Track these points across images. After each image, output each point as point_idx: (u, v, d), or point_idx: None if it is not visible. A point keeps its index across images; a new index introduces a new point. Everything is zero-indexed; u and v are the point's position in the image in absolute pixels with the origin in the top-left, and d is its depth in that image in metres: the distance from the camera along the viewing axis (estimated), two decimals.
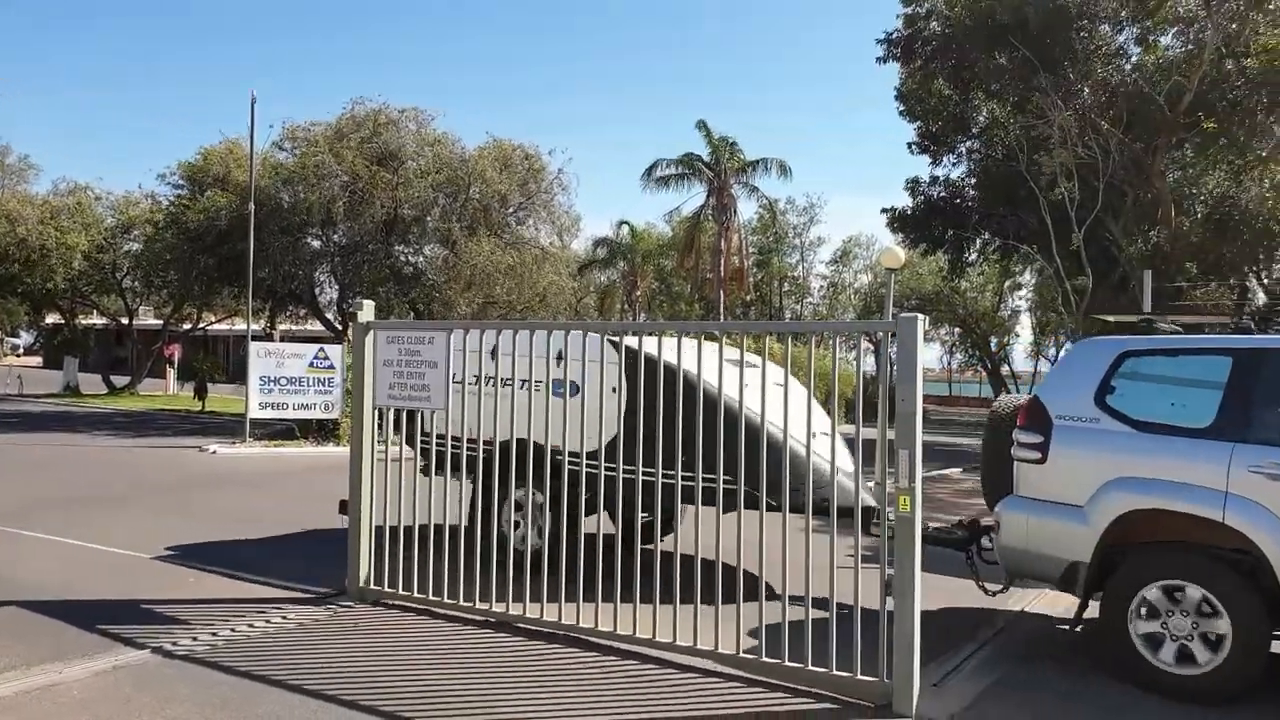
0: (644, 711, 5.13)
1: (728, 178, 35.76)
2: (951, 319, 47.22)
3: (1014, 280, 43.05)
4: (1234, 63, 19.66)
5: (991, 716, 5.24)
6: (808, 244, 48.96)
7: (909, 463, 5.24)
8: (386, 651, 5.98)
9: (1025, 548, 6.14)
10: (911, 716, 5.07)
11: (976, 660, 6.20)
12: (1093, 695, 5.60)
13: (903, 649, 5.16)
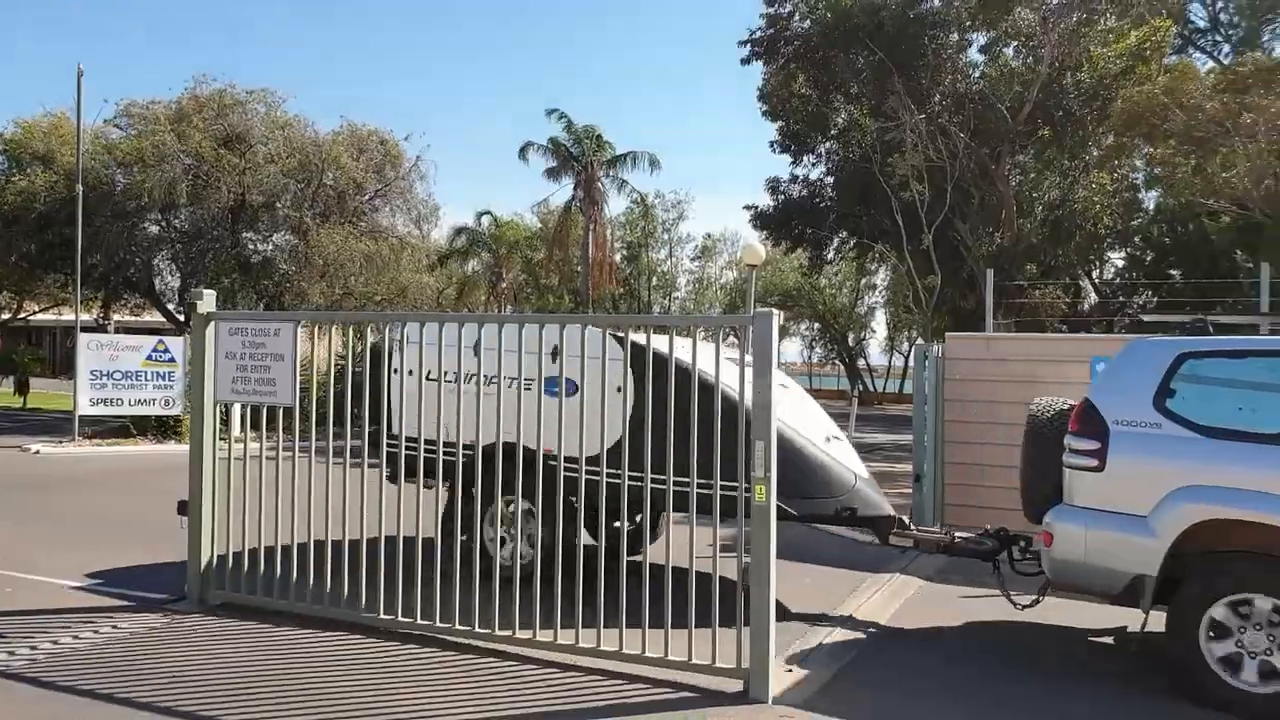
0: (497, 709, 5.02)
1: (595, 170, 35.69)
2: (812, 314, 48.74)
3: (870, 278, 44.77)
4: (1069, 76, 20.96)
5: (845, 697, 5.38)
6: (676, 239, 49.57)
7: (764, 453, 5.34)
8: (223, 658, 5.64)
9: (1083, 561, 5.70)
10: (767, 701, 5.16)
11: (832, 643, 6.37)
12: (939, 672, 5.83)
13: (759, 635, 5.25)
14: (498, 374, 6.23)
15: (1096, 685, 5.84)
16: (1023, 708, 5.40)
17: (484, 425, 6.25)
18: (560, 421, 6.05)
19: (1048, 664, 6.25)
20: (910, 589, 8.29)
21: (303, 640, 6.02)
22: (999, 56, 22.44)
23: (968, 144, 21.01)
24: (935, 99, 21.02)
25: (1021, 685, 5.77)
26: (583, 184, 35.92)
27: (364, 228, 24.51)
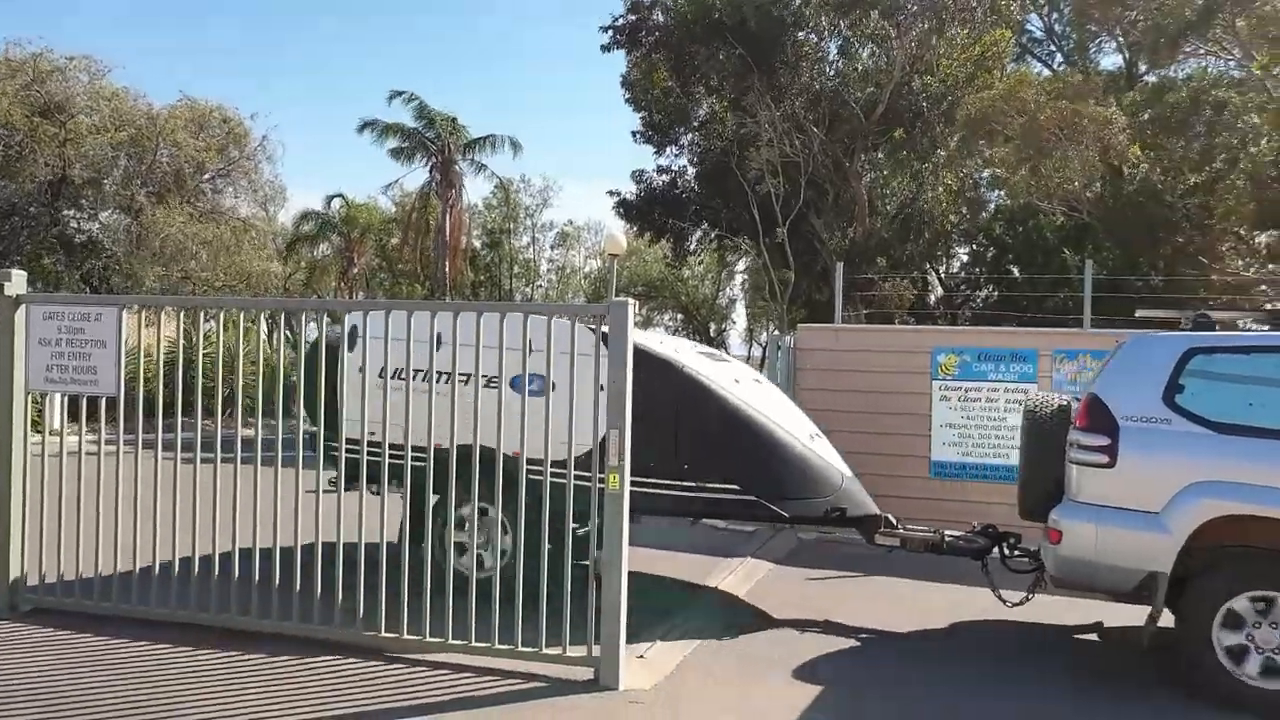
0: (323, 709, 4.83)
1: (453, 153, 34.80)
2: (675, 305, 49.35)
3: (730, 270, 45.64)
4: (919, 80, 21.87)
5: (692, 683, 5.46)
6: (540, 226, 49.10)
7: (618, 442, 5.35)
8: (21, 669, 5.23)
9: (1094, 559, 5.63)
10: (617, 688, 5.19)
11: (681, 630, 6.43)
12: (784, 657, 5.96)
13: (609, 623, 5.27)
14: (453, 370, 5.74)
15: (941, 661, 6.12)
16: (860, 682, 5.60)
17: (446, 427, 5.77)
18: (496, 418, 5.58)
19: (892, 641, 6.50)
20: (761, 572, 8.49)
21: (118, 646, 5.63)
22: (855, 57, 23.19)
23: (823, 141, 21.66)
24: (793, 96, 21.56)
25: (860, 662, 5.98)
26: (438, 167, 34.93)
27: (204, 209, 23.17)
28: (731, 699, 5.30)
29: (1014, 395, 9.86)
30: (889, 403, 10.22)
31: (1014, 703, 5.39)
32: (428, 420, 5.73)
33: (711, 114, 23.94)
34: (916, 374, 10.22)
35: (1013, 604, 6.57)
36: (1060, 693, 5.59)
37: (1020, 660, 6.28)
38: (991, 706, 5.32)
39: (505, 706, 4.96)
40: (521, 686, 5.21)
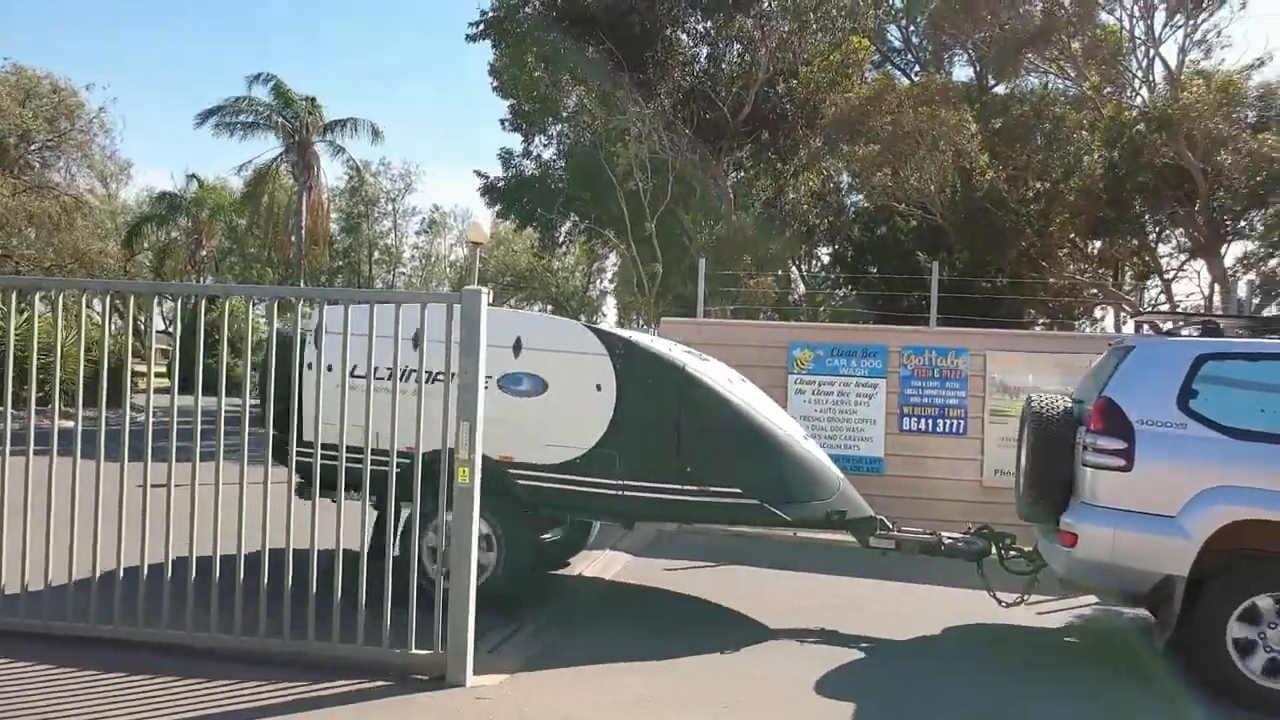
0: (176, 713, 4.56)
1: (310, 134, 33.45)
2: (545, 297, 49.05)
3: (600, 262, 45.69)
4: (784, 83, 22.38)
5: (542, 677, 5.41)
6: (402, 212, 47.77)
7: (468, 435, 5.22)
8: None
9: (1110, 562, 5.63)
10: (465, 685, 5.10)
11: (533, 626, 6.36)
12: (636, 649, 5.94)
13: (458, 619, 5.17)
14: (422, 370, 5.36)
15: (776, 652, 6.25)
16: (706, 670, 5.65)
17: (425, 430, 5.38)
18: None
19: (726, 629, 6.59)
20: (619, 564, 8.51)
21: None
22: (722, 58, 23.52)
23: (690, 139, 21.90)
24: (662, 93, 21.71)
25: (714, 652, 5.99)
26: (295, 148, 33.50)
27: (29, 181, 21.51)
28: (582, 692, 5.26)
29: (864, 389, 10.23)
30: None
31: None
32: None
33: (581, 106, 23.84)
34: (774, 368, 10.46)
35: (1008, 604, 6.66)
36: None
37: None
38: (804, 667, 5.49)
39: (349, 707, 4.80)
40: (367, 686, 5.05)
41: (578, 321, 6.43)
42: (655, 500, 5.98)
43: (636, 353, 6.14)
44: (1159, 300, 23.27)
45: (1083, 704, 5.46)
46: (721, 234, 23.16)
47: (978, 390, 10.08)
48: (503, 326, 5.88)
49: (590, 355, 6.03)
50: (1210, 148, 17.21)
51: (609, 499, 6.06)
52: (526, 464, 5.78)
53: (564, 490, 5.96)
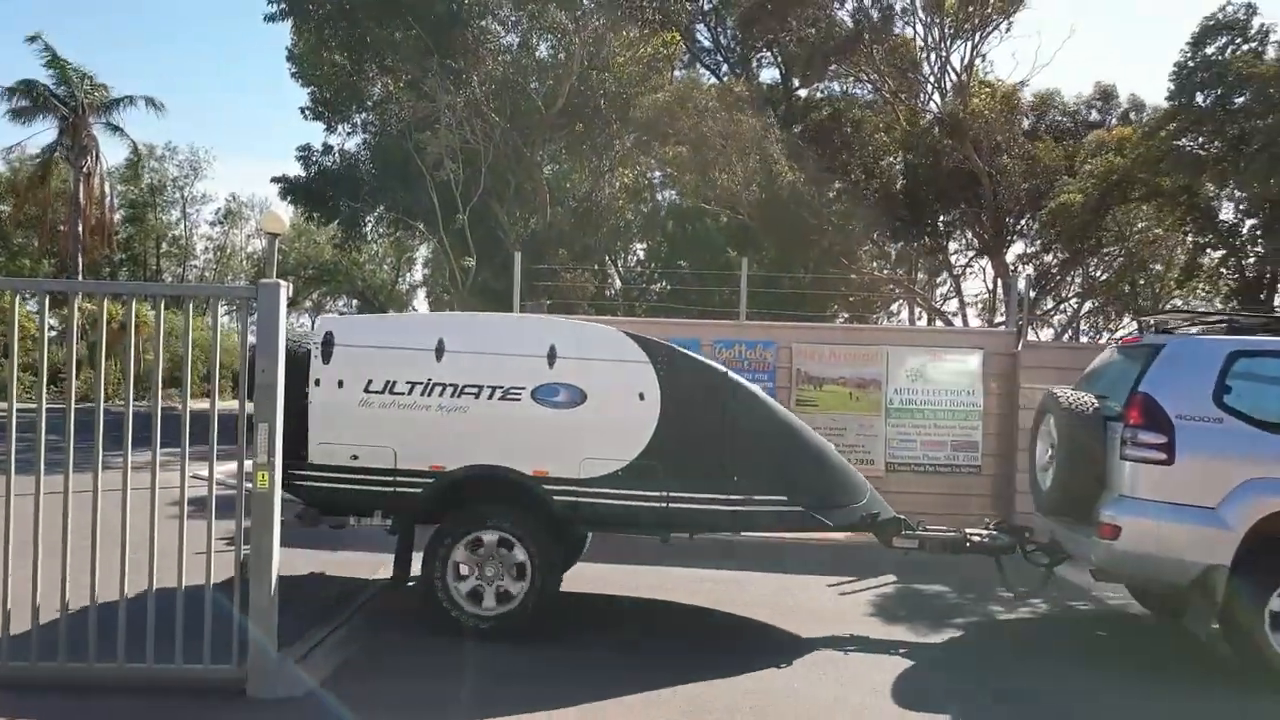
0: None
1: (86, 114, 30.52)
2: (351, 291, 47.18)
3: (410, 255, 44.43)
4: (597, 76, 22.42)
5: (350, 686, 5.16)
6: (192, 199, 44.52)
7: (268, 437, 4.87)
8: None
9: (1155, 553, 5.75)
10: (269, 697, 4.81)
11: (339, 635, 6.02)
12: (450, 654, 5.67)
13: (259, 630, 4.84)
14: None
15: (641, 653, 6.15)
16: (521, 674, 5.43)
17: (453, 447, 5.30)
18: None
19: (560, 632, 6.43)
20: None
21: None
22: (535, 49, 23.31)
23: (504, 129, 21.57)
24: (474, 82, 21.26)
25: (526, 655, 5.71)
26: (70, 129, 30.46)
27: None
28: (392, 700, 5.03)
29: None
30: None
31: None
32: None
33: (387, 94, 22.99)
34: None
35: (1019, 594, 6.85)
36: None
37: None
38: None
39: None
40: (163, 704, 4.69)
41: (615, 329, 6.18)
42: (701, 511, 5.81)
43: (680, 360, 5.99)
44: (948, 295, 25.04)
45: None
46: (537, 227, 22.99)
47: (784, 381, 10.42)
48: (536, 335, 5.74)
49: (632, 363, 5.81)
50: (993, 152, 18.64)
51: (653, 512, 5.83)
52: (563, 479, 5.55)
53: (605, 505, 5.73)
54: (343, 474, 5.58)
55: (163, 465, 4.89)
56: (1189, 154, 15.08)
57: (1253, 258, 16.04)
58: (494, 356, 5.58)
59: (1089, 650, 6.62)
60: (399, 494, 5.61)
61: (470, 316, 6.04)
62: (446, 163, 20.67)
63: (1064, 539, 6.51)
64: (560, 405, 5.60)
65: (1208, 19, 15.53)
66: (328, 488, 5.69)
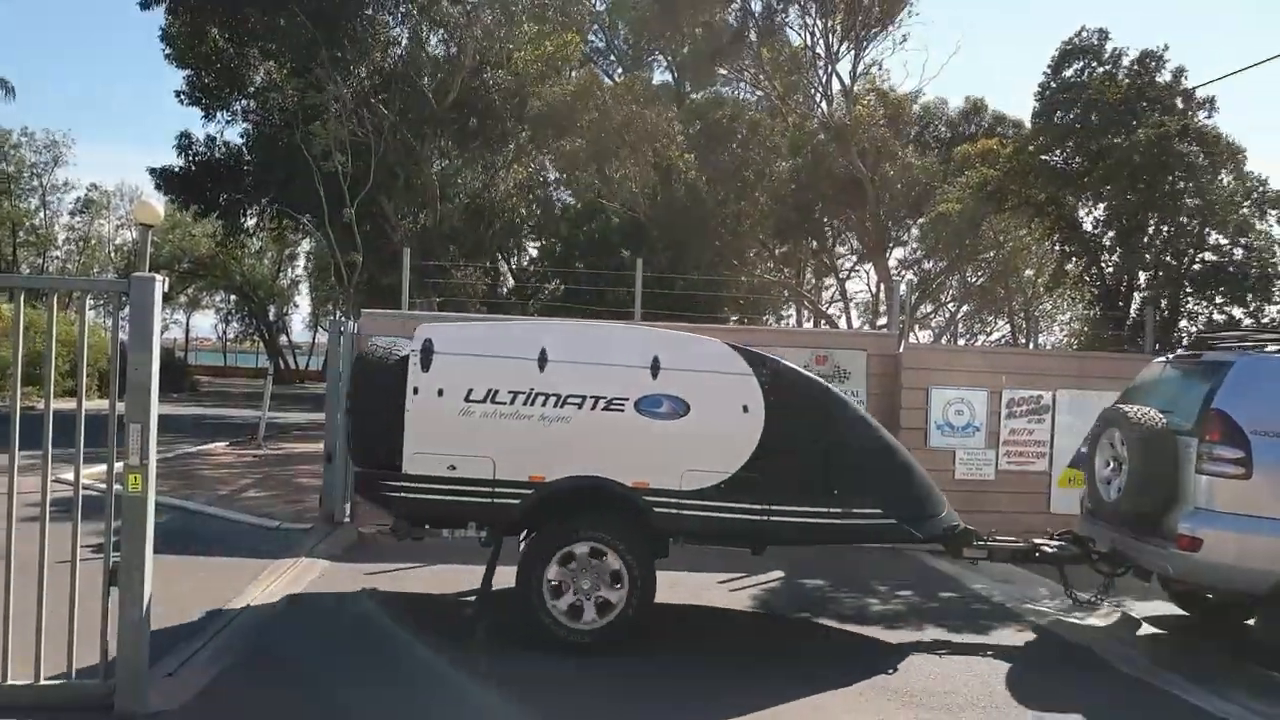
0: None
1: None
2: (229, 285, 45.38)
3: (294, 249, 42.97)
4: (490, 72, 22.16)
5: (224, 700, 4.97)
6: (51, 188, 41.79)
7: (140, 438, 4.63)
8: None
9: (1235, 564, 5.91)
10: (139, 713, 4.57)
11: (219, 643, 5.78)
12: (328, 664, 5.51)
13: (130, 639, 4.60)
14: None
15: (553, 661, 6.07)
16: (378, 682, 5.28)
17: (553, 457, 5.30)
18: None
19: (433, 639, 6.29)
20: (315, 571, 7.94)
21: None
22: (426, 42, 22.88)
23: (394, 123, 21.11)
24: (362, 73, 20.74)
25: (416, 662, 5.61)
26: None
27: None
28: (265, 714, 4.86)
29: None
30: None
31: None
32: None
33: (271, 81, 22.17)
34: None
35: (1085, 600, 6.92)
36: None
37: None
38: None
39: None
40: None
41: (719, 340, 6.09)
42: (801, 525, 5.77)
43: (784, 372, 5.94)
44: (834, 297, 25.72)
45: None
46: (427, 223, 22.59)
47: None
48: (639, 345, 5.69)
49: (736, 375, 5.73)
50: (877, 160, 19.25)
51: (753, 525, 5.76)
52: (664, 490, 5.46)
53: (705, 517, 5.62)
54: (439, 485, 5.45)
55: (24, 470, 4.60)
56: (1053, 168, 15.91)
57: (1111, 266, 17.02)
58: (597, 366, 5.54)
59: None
60: (496, 505, 5.52)
61: (574, 325, 6.15)
62: (335, 155, 20.08)
63: (1131, 549, 6.64)
64: (663, 416, 5.56)
65: (1065, 43, 16.45)
66: (424, 499, 5.54)
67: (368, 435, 5.64)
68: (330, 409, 10.07)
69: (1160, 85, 15.10)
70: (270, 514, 10.35)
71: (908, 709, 5.21)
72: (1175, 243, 15.27)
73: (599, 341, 5.87)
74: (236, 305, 49.93)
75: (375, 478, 5.59)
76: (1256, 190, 14.78)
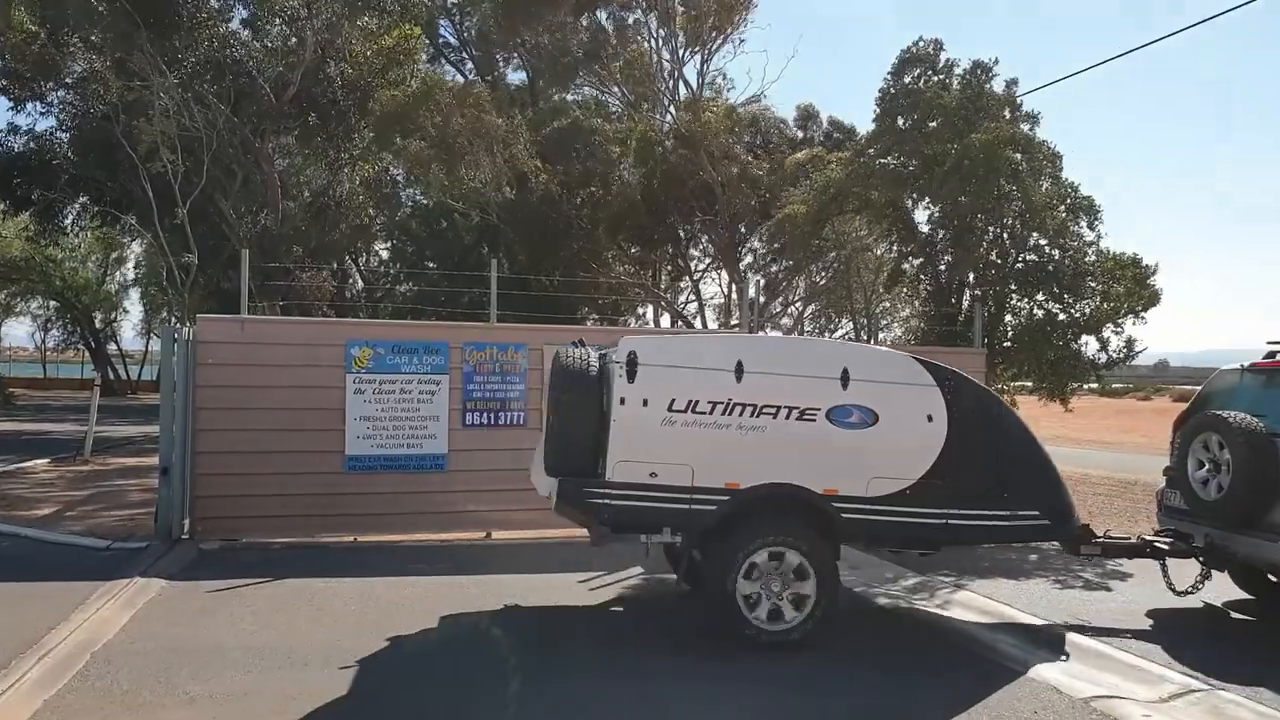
0: None
1: None
2: (46, 290, 42.11)
3: (121, 252, 40.27)
4: (334, 66, 21.33)
5: None
6: None
7: None
8: None
9: None
10: None
11: (43, 671, 5.33)
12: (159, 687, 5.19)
13: None
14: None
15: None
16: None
17: (748, 465, 5.61)
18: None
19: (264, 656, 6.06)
20: (152, 590, 7.45)
21: None
22: (263, 31, 21.82)
23: (229, 117, 20.05)
24: (191, 64, 19.58)
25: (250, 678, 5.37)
26: None
27: None
28: None
29: (427, 387, 10.06)
30: (301, 397, 9.78)
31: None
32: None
33: (91, 72, 20.66)
34: (330, 367, 9.91)
35: (1183, 591, 7.16)
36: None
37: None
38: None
39: None
40: None
41: (903, 353, 6.44)
42: (976, 527, 6.13)
43: (964, 384, 6.28)
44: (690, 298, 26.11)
45: None
46: (268, 224, 21.58)
47: (536, 383, 10.40)
48: (829, 358, 5.96)
49: (921, 387, 6.06)
50: (724, 165, 19.65)
51: (932, 529, 6.08)
52: (851, 497, 5.72)
53: (889, 522, 5.92)
54: (640, 491, 5.65)
55: None
56: (892, 171, 16.64)
57: (944, 266, 17.95)
58: (791, 378, 5.77)
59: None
60: (693, 511, 5.72)
61: (767, 338, 6.35)
62: (163, 152, 18.87)
63: (1235, 543, 7.05)
64: (853, 426, 5.78)
65: (904, 52, 17.26)
66: (626, 505, 5.71)
67: (571, 443, 5.76)
68: (166, 419, 9.48)
69: (990, 94, 16.01)
70: (99, 533, 9.65)
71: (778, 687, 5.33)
72: (1002, 244, 16.25)
73: (792, 353, 6.30)
74: (57, 312, 46.35)
75: (579, 485, 5.74)
76: (1070, 196, 15.91)
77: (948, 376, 6.27)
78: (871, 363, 6.18)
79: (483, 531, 10.20)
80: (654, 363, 5.78)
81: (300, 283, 20.24)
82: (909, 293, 20.95)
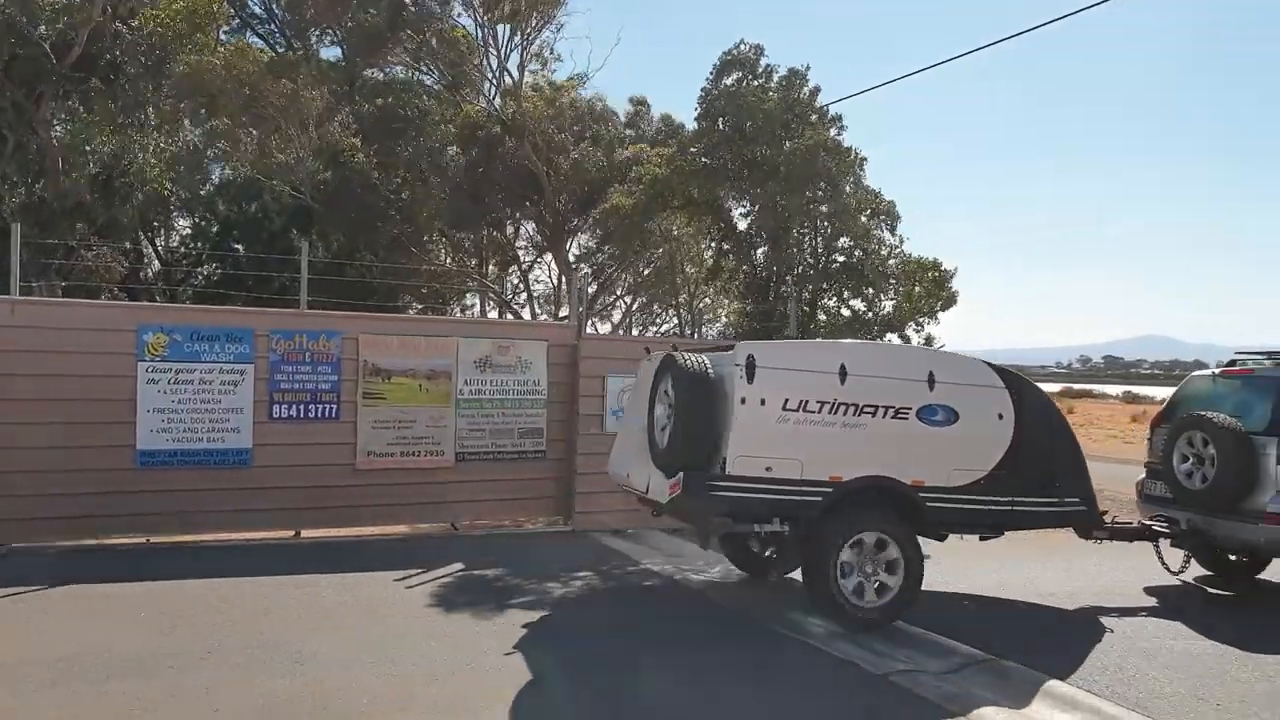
0: None
1: None
2: None
3: None
4: (124, 26, 19.62)
5: None
6: None
7: None
8: None
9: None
10: None
11: None
12: None
13: None
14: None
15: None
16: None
17: (849, 459, 6.22)
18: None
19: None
20: None
21: None
22: None
23: (1, 79, 18.08)
24: None
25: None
26: None
27: None
28: None
29: (229, 376, 9.38)
30: (85, 387, 8.90)
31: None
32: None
33: None
34: (119, 354, 9.06)
35: (1175, 571, 8.15)
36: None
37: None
38: None
39: None
40: None
41: (978, 359, 7.04)
42: (1034, 513, 6.80)
43: (1025, 385, 6.96)
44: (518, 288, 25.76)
45: None
46: (46, 196, 19.63)
47: (350, 374, 9.92)
48: (919, 362, 6.63)
49: (993, 388, 6.79)
50: (550, 153, 19.48)
51: (999, 514, 6.78)
52: (935, 488, 6.32)
53: (964, 509, 6.54)
54: (755, 484, 6.11)
55: None
56: (713, 169, 17.01)
57: (760, 261, 18.55)
58: (886, 380, 6.33)
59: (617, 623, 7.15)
60: (800, 501, 6.22)
61: (864, 344, 7.34)
62: None
63: (1215, 527, 7.94)
64: (938, 424, 6.39)
65: (725, 54, 17.68)
66: (743, 497, 6.13)
67: (694, 440, 6.19)
68: None
69: (803, 101, 16.62)
70: None
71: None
72: (814, 244, 16.94)
73: (886, 357, 6.87)
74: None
75: (702, 478, 6.13)
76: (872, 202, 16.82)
77: (1013, 379, 7.10)
78: (952, 366, 6.80)
79: (291, 530, 9.66)
80: (770, 365, 6.26)
81: (86, 262, 18.56)
82: (727, 288, 21.51)
